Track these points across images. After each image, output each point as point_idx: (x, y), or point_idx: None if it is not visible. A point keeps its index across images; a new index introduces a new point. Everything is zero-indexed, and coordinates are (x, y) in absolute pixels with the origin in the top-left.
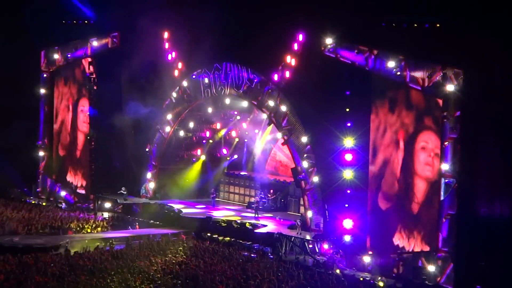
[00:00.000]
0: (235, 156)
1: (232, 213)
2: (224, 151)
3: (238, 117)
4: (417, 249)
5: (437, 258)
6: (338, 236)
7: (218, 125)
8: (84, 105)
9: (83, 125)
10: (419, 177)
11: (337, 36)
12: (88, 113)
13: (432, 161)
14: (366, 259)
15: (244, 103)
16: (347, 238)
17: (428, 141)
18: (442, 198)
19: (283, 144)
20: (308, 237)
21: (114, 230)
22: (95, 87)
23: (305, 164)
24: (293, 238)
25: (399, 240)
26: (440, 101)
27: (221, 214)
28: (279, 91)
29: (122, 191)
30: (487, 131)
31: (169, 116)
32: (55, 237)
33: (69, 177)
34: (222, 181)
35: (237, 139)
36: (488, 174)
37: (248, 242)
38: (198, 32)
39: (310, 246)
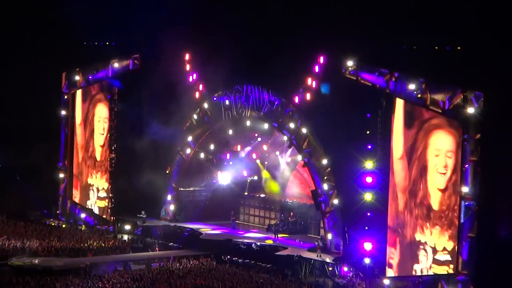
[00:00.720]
0: (255, 177)
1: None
2: (245, 173)
3: (259, 139)
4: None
5: (457, 281)
6: (358, 259)
7: (239, 147)
8: (104, 127)
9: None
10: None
11: (358, 58)
12: (109, 135)
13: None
14: (386, 281)
15: (265, 125)
16: (367, 260)
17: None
18: (462, 220)
19: (303, 166)
20: (328, 260)
21: (134, 253)
22: (115, 109)
23: (325, 186)
24: (312, 260)
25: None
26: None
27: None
28: (300, 113)
29: (141, 215)
30: (507, 154)
31: (189, 138)
32: (75, 259)
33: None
34: (242, 203)
35: (258, 161)
36: (509, 196)
37: (268, 264)
38: (219, 54)
39: (330, 268)
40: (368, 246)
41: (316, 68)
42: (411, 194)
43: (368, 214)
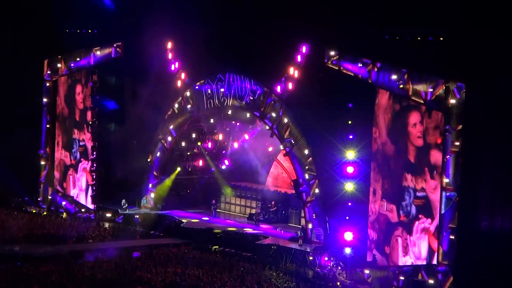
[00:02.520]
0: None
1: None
2: (226, 162)
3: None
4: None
5: (437, 271)
6: (338, 249)
7: (220, 136)
8: (86, 114)
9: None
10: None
11: (340, 48)
12: (90, 122)
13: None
14: (366, 271)
15: (247, 114)
16: (348, 250)
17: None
18: (443, 211)
19: (284, 155)
20: (308, 249)
21: (115, 240)
22: (97, 97)
23: (306, 176)
24: (293, 250)
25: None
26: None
27: (222, 225)
28: (282, 102)
29: (122, 204)
30: (489, 145)
31: (171, 126)
32: (56, 247)
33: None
34: (223, 192)
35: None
36: (490, 187)
37: (249, 253)
38: (201, 42)
39: (311, 258)
40: (348, 236)
41: (298, 58)
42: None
43: (349, 204)
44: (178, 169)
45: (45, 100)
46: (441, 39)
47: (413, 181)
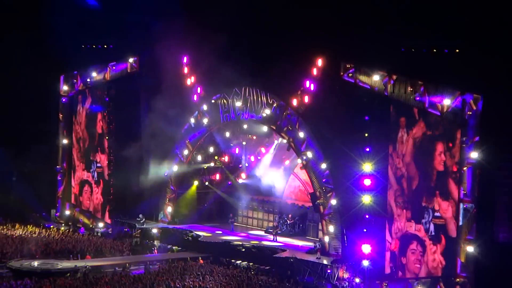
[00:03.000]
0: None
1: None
2: (243, 175)
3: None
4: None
5: (455, 283)
6: (356, 261)
7: (237, 150)
8: (102, 130)
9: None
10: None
11: (355, 61)
12: (107, 137)
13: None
14: (385, 284)
15: (263, 128)
16: (365, 263)
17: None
18: (460, 223)
19: (301, 168)
20: (326, 262)
21: (133, 255)
22: (113, 112)
23: (323, 188)
24: (310, 263)
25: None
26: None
27: (240, 238)
28: (298, 116)
29: (139, 219)
30: (506, 156)
31: (187, 140)
32: (74, 262)
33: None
34: (240, 205)
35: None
36: (508, 199)
37: (267, 267)
38: (217, 56)
39: (328, 271)
40: (366, 248)
41: (314, 71)
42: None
43: (367, 216)
44: (196, 183)
45: (61, 115)
46: (457, 51)
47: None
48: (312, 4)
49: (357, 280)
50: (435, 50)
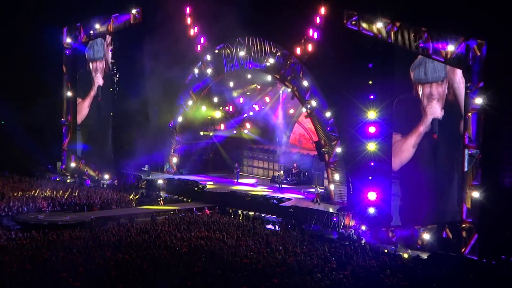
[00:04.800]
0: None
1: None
2: (248, 125)
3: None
4: None
5: (461, 229)
6: (362, 209)
7: (241, 100)
8: (105, 81)
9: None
10: None
11: (359, 8)
12: (111, 89)
13: None
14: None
15: (267, 77)
16: (371, 210)
17: None
18: (465, 169)
19: (306, 117)
20: (331, 210)
21: (139, 206)
22: (117, 64)
23: (328, 136)
24: (317, 211)
25: None
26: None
27: (245, 188)
28: (302, 64)
29: (144, 169)
30: (511, 102)
31: (191, 91)
32: (80, 214)
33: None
34: (245, 155)
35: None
36: None
37: (273, 216)
38: (220, 6)
39: (334, 219)
40: (372, 195)
41: (318, 19)
42: None
43: (372, 164)
44: (201, 133)
45: (65, 68)
46: None
47: None
48: None
49: (363, 227)
50: None
